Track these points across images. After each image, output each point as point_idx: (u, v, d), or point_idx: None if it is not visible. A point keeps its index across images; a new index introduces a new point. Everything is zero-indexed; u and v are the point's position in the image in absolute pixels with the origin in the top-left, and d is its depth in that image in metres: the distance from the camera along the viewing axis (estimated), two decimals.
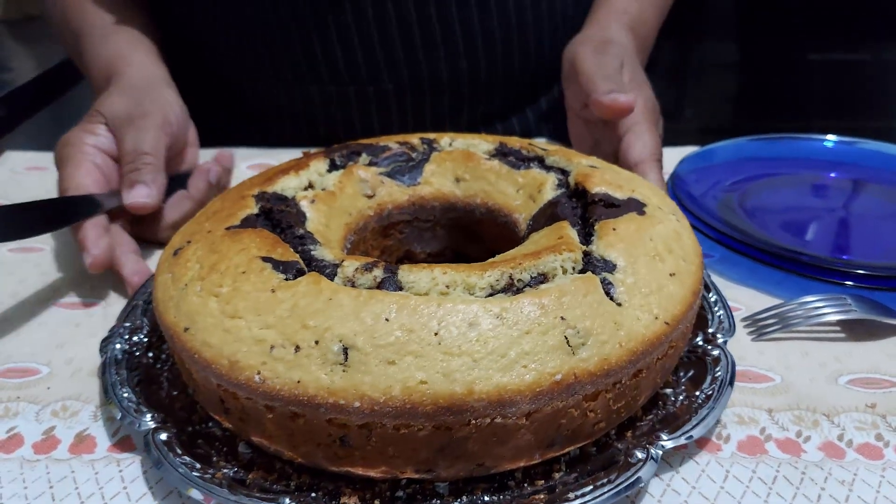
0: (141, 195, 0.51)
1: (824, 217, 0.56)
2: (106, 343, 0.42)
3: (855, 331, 0.45)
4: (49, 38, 0.93)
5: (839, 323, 0.46)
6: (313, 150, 0.49)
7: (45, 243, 0.56)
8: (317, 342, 0.32)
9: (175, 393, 0.39)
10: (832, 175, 0.60)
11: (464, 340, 0.31)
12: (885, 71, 1.47)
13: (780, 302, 0.47)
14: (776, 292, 0.49)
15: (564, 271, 0.35)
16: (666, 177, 0.56)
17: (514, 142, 0.49)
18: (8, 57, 0.84)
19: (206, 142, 0.74)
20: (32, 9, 1.00)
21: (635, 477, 0.32)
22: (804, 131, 0.63)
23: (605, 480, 0.33)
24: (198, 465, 0.34)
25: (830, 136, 0.63)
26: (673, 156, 0.62)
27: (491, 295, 0.34)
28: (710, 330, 0.42)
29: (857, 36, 1.43)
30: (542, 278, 0.35)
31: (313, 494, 0.33)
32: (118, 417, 0.37)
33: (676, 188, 0.56)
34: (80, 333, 0.46)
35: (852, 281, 0.47)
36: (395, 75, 0.71)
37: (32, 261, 0.54)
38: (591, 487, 0.32)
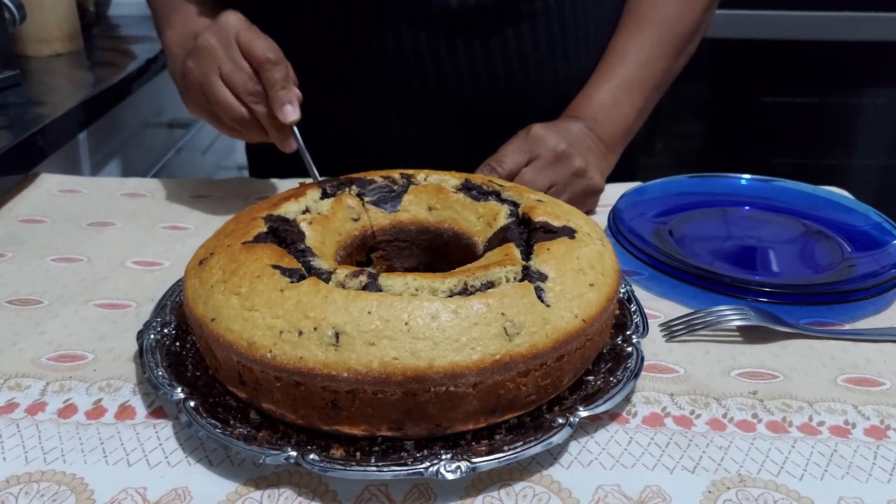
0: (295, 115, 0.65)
1: (736, 243, 0.67)
2: (141, 334, 0.52)
3: (750, 335, 0.55)
4: (76, 74, 1.04)
5: (738, 328, 0.56)
6: (308, 182, 0.59)
7: (83, 255, 0.66)
8: (315, 328, 0.42)
9: (198, 374, 0.49)
10: (746, 208, 0.72)
11: (427, 328, 0.41)
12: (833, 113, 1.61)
13: (692, 311, 0.57)
14: (691, 304, 0.59)
15: (507, 280, 0.46)
16: (607, 210, 0.67)
17: (477, 178, 0.59)
18: (42, 92, 0.95)
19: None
20: (60, 48, 1.10)
21: (554, 437, 0.43)
22: (764, 165, 0.73)
23: (532, 439, 0.43)
24: (219, 426, 0.44)
25: (745, 175, 0.74)
26: (615, 191, 0.73)
27: (450, 296, 0.44)
28: (628, 332, 0.52)
29: (810, 83, 1.57)
30: (490, 285, 0.45)
31: (309, 447, 0.43)
32: (155, 390, 0.46)
33: (616, 218, 0.66)
34: (117, 329, 0.56)
35: (753, 295, 0.58)
36: (425, 102, 0.78)
37: (73, 269, 0.64)
38: (521, 443, 0.42)
